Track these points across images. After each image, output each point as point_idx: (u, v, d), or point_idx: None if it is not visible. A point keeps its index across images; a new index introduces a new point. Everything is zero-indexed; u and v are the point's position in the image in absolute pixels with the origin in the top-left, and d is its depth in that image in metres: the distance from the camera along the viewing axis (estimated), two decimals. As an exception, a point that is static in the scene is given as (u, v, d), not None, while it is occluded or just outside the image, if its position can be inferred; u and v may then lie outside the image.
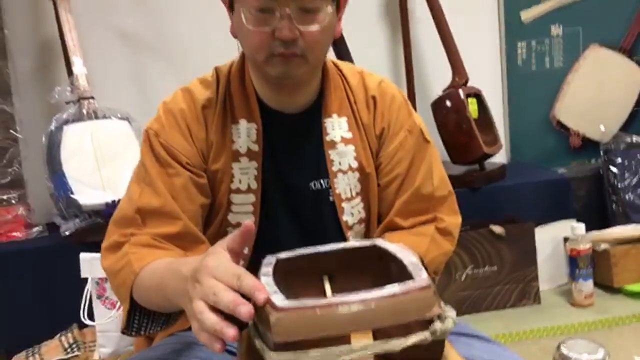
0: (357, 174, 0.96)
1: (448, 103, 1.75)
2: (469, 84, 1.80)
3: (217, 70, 0.98)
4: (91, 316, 1.41)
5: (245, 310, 0.54)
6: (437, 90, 1.86)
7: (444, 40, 1.80)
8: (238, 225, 0.93)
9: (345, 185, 0.95)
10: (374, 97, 0.98)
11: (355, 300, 0.54)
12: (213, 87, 0.95)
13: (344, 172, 0.95)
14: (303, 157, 0.96)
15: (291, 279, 0.70)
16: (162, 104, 0.96)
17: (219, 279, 0.58)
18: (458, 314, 1.65)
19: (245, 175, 0.92)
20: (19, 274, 1.56)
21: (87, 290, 1.42)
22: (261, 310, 0.56)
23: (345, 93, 0.98)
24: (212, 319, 0.56)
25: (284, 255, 0.72)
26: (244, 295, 0.57)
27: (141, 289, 0.80)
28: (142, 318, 0.85)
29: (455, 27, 1.84)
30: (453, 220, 0.99)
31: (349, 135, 0.96)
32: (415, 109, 1.98)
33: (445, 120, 1.75)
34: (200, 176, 0.91)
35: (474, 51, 1.97)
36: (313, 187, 0.95)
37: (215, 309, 0.56)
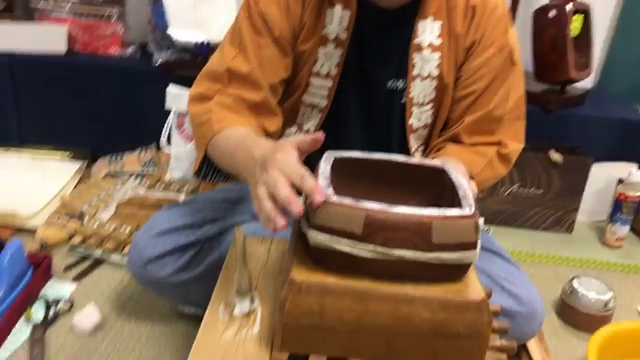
0: (434, 82, 0.98)
1: (551, 14, 1.65)
2: (581, -3, 1.69)
3: None
4: (169, 142, 1.57)
5: (295, 209, 0.59)
6: (545, -4, 1.75)
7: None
8: (311, 105, 1.00)
9: (419, 91, 0.99)
10: (474, 7, 0.96)
11: (399, 212, 0.59)
12: None
13: (423, 79, 0.98)
14: (387, 54, 0.98)
15: (354, 177, 0.74)
16: None
17: (284, 174, 0.62)
18: (490, 224, 1.77)
19: (328, 61, 0.96)
20: (111, 87, 1.70)
21: (169, 119, 1.57)
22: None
23: None
24: (269, 206, 0.61)
25: (346, 154, 0.73)
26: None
27: (215, 150, 0.88)
28: (209, 168, 0.95)
29: None
30: (516, 147, 1.02)
31: (438, 42, 0.96)
32: (516, 9, 1.87)
33: (542, 32, 1.67)
34: (286, 53, 0.95)
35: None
36: (389, 85, 0.99)
37: (274, 198, 0.62)
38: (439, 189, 0.73)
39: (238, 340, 0.67)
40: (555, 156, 1.59)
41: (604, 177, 1.70)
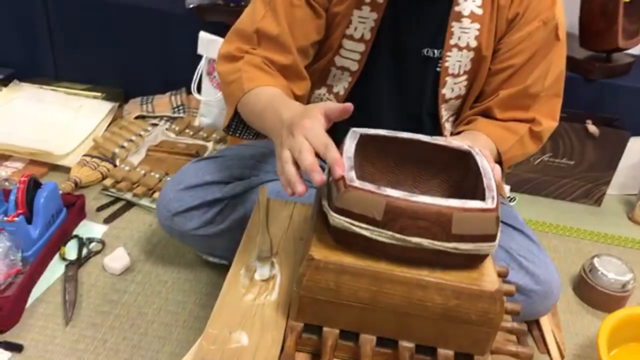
0: (471, 54, 0.96)
1: (605, -25, 1.55)
2: (640, -42, 1.57)
3: None
4: (199, 88, 1.58)
5: (317, 177, 0.59)
6: (600, -45, 1.63)
7: None
8: (342, 68, 0.99)
9: (455, 61, 0.96)
10: None
11: (419, 201, 0.60)
12: None
13: (460, 49, 0.95)
14: (425, 21, 0.95)
15: (379, 154, 0.73)
16: None
17: (309, 141, 0.62)
18: (516, 192, 1.72)
19: (362, 24, 0.94)
20: (143, 28, 1.69)
21: (200, 65, 1.56)
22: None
23: None
24: (291, 171, 0.62)
25: (372, 131, 0.72)
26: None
27: (245, 108, 0.88)
28: (239, 124, 0.95)
29: None
30: (550, 125, 1.00)
31: (479, 11, 0.93)
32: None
33: (593, -6, 1.58)
34: (319, 15, 0.93)
35: None
36: (425, 53, 0.97)
37: (297, 163, 0.63)
38: (463, 171, 0.72)
39: (257, 305, 0.70)
40: (592, 128, 1.54)
41: (641, 151, 1.65)
